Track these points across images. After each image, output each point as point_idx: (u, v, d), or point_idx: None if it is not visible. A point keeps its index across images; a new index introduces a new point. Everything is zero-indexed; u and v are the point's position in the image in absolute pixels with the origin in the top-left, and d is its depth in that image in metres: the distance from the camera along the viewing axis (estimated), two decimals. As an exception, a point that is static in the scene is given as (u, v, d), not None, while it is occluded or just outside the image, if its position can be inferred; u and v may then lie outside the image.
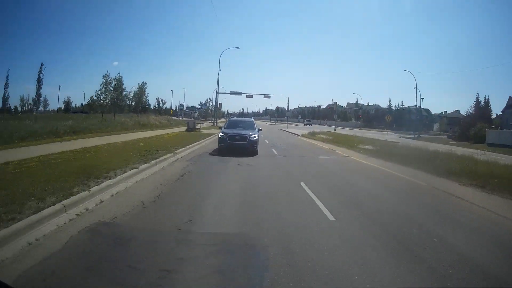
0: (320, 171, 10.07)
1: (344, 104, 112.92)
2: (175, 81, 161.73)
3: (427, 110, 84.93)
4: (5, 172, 6.74)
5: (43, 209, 4.48)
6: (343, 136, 25.97)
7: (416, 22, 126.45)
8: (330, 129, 46.11)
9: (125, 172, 7.32)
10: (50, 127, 16.36)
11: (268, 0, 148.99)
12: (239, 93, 49.24)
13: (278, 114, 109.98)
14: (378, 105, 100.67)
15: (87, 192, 5.53)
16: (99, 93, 26.20)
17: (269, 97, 53.78)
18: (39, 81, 33.26)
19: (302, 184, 7.53)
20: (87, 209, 5.00)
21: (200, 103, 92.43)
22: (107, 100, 26.69)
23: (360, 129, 64.60)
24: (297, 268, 3.23)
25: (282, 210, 5.44)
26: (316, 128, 48.54)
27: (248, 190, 6.92)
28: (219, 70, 46.22)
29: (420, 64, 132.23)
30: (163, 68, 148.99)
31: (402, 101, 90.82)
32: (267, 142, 19.74)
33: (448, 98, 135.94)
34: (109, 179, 6.53)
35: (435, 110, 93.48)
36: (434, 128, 75.18)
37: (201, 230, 4.36)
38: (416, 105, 57.28)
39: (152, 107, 72.90)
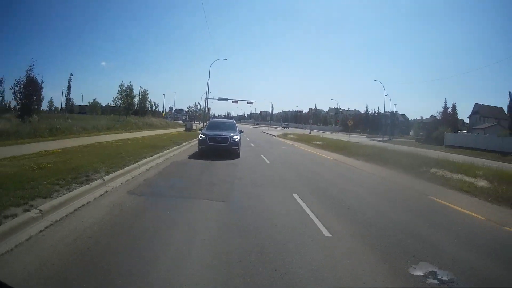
0: (275, 152, 17.24)
1: (326, 109, 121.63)
2: (163, 83, 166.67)
3: (404, 116, 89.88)
4: (105, 146, 13.38)
5: (153, 155, 11.28)
6: (307, 136, 33.31)
7: (394, 32, 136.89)
8: (307, 132, 52.98)
9: (172, 147, 14.20)
10: (92, 125, 22.93)
11: (255, 12, 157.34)
12: (226, 99, 55.85)
13: (261, 118, 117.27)
14: (358, 110, 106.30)
15: (163, 152, 12.40)
16: (116, 99, 32.84)
17: (252, 103, 60.30)
18: (69, 88, 42.26)
19: (262, 155, 14.62)
20: (168, 158, 11.89)
21: (189, 106, 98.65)
22: (122, 105, 33.26)
23: (338, 133, 69.21)
24: (252, 171, 10.25)
25: (250, 160, 12.52)
26: (293, 130, 55.93)
27: (235, 156, 13.98)
28: (209, 78, 52.00)
29: (402, 72, 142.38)
30: (152, 71, 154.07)
31: (378, 107, 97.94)
32: (248, 139, 26.70)
33: (428, 104, 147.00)
34: (167, 149, 13.40)
35: (415, 115, 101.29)
36: (411, 133, 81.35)
37: (217, 161, 11.33)
38: (392, 111, 65.35)
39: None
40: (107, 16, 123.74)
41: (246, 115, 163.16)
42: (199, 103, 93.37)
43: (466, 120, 69.62)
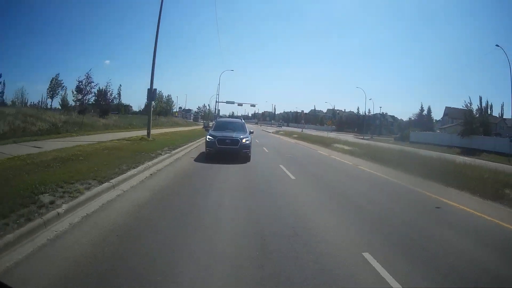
0: (264, 139, 29.04)
1: (325, 110, 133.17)
2: (169, 83, 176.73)
3: (393, 117, 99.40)
4: (176, 133, 25.32)
5: (196, 140, 23.19)
6: (292, 132, 45.23)
7: (393, 34, 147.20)
8: (300, 130, 64.45)
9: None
10: (144, 122, 34.87)
11: (259, 15, 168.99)
12: (233, 102, 67.95)
13: (263, 118, 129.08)
14: (352, 112, 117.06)
15: (199, 140, 24.26)
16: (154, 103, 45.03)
17: (254, 106, 71.91)
18: (119, 95, 55.63)
19: (256, 140, 26.31)
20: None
21: (198, 107, 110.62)
22: (158, 108, 45.39)
23: (330, 132, 79.45)
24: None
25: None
26: (287, 129, 67.71)
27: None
28: (219, 85, 63.98)
29: (401, 74, 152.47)
30: (158, 72, 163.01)
31: (369, 109, 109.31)
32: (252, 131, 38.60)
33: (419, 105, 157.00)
34: (201, 138, 25.25)
35: (407, 116, 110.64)
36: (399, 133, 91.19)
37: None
38: (383, 113, 76.64)
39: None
40: (115, 17, 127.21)
41: (250, 115, 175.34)
42: (208, 104, 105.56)
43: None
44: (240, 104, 68.50)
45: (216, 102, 63.55)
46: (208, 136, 12.49)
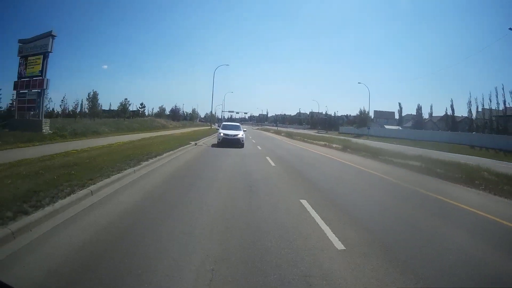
0: (251, 133, 59.37)
1: (308, 112, 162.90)
2: (169, 88, 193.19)
3: (355, 116, 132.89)
4: (209, 129, 55.74)
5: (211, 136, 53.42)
6: (267, 128, 75.51)
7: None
8: (280, 128, 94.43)
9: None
10: (187, 123, 65.31)
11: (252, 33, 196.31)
12: (233, 111, 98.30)
13: (258, 120, 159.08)
14: (329, 114, 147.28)
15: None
16: (188, 113, 75.31)
17: (247, 113, 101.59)
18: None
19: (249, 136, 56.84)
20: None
21: (206, 113, 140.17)
22: (188, 116, 75.59)
23: (304, 129, 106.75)
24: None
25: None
26: (270, 127, 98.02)
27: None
28: (224, 100, 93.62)
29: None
30: (157, 77, 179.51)
31: (335, 112, 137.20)
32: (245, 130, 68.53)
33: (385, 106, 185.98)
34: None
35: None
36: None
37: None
38: (347, 114, 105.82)
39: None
40: (122, 27, 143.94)
41: (247, 117, 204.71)
42: (215, 111, 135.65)
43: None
44: (237, 112, 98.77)
45: (222, 111, 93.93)
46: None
